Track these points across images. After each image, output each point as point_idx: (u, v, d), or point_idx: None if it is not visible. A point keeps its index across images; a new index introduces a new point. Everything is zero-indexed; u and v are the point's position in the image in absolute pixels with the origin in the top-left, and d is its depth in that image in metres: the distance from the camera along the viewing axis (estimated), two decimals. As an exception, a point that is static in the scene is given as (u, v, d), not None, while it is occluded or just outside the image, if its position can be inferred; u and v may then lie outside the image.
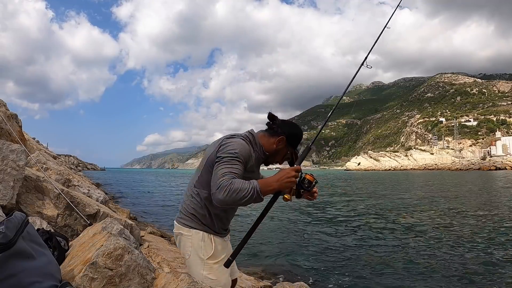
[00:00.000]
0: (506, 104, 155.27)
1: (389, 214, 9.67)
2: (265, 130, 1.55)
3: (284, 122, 1.55)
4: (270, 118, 1.54)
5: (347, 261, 5.02)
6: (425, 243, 6.03)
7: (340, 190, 20.12)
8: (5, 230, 1.50)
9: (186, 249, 1.52)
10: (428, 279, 4.16)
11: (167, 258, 3.27)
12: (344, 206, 11.89)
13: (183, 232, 1.52)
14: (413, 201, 13.05)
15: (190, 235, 1.50)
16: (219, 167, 1.30)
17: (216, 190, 1.24)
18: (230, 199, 1.22)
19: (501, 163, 74.13)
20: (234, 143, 1.39)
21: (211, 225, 1.52)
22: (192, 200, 1.51)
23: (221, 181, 1.24)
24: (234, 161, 1.33)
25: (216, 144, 1.46)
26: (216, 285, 1.47)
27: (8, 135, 3.95)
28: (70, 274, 1.90)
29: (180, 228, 1.53)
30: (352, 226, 7.83)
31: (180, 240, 1.55)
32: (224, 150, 1.36)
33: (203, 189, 1.46)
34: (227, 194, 1.21)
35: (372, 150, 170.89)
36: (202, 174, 1.47)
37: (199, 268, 1.49)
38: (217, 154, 1.38)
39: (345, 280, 4.23)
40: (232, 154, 1.34)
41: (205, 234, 1.50)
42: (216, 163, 1.34)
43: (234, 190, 1.21)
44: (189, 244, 1.50)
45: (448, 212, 9.73)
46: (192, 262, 1.51)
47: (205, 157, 1.50)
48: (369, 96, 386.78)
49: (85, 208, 3.23)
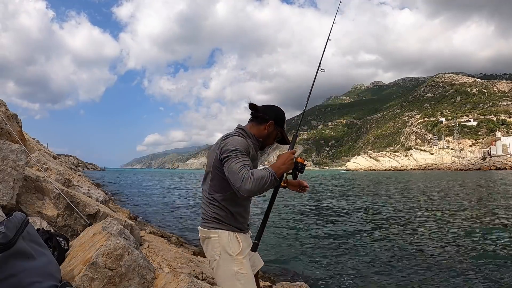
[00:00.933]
0: (506, 104, 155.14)
1: (390, 214, 9.66)
2: (251, 120, 1.70)
3: (267, 107, 1.70)
4: (252, 108, 1.68)
5: (347, 261, 5.02)
6: (426, 243, 6.03)
7: (340, 190, 20.12)
8: (5, 230, 1.50)
9: (215, 250, 1.58)
10: (429, 279, 4.16)
11: (167, 258, 3.27)
12: (344, 206, 11.89)
13: (210, 234, 1.58)
14: (414, 201, 13.05)
15: (217, 236, 1.57)
16: (231, 164, 1.43)
17: (242, 183, 1.36)
18: (256, 188, 1.35)
19: (501, 163, 74.08)
20: (231, 140, 1.51)
21: (234, 223, 1.61)
22: (211, 206, 1.60)
23: (242, 173, 1.37)
24: (240, 155, 1.45)
25: (215, 149, 1.57)
26: (247, 279, 1.55)
27: (8, 135, 3.95)
28: (70, 274, 1.90)
29: (206, 231, 1.60)
30: (352, 226, 7.83)
31: (207, 243, 1.61)
32: (226, 149, 1.48)
33: (218, 193, 1.57)
34: (252, 183, 1.35)
35: (372, 150, 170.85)
36: (213, 179, 1.57)
37: (231, 265, 1.55)
38: (221, 156, 1.49)
39: (345, 280, 4.23)
40: (235, 150, 1.46)
41: (230, 233, 1.59)
42: (224, 162, 1.47)
43: (257, 179, 1.35)
44: (217, 244, 1.57)
45: (449, 212, 9.73)
46: (223, 261, 1.56)
47: (209, 164, 1.61)
48: (369, 96, 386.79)
49: (85, 208, 3.23)
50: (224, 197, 1.55)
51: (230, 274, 1.53)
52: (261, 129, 1.66)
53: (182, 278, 2.04)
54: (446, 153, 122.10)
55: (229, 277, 1.53)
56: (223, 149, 1.49)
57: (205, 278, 3.03)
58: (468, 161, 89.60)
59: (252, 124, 1.68)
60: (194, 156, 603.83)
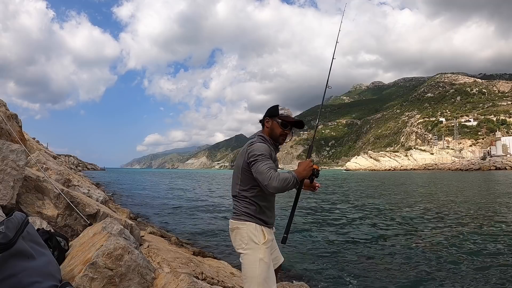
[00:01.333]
0: (506, 104, 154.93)
1: (390, 214, 9.66)
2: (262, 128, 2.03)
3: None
4: (261, 121, 2.03)
5: (348, 261, 5.02)
6: (426, 243, 6.03)
7: (340, 190, 20.12)
8: (5, 230, 1.50)
9: (243, 239, 1.80)
10: (429, 279, 4.16)
11: (167, 258, 3.27)
12: (344, 206, 11.89)
13: (239, 225, 1.82)
14: (414, 201, 13.05)
15: (246, 226, 1.81)
16: (259, 166, 1.72)
17: (270, 181, 1.66)
18: (281, 186, 1.66)
19: (501, 163, 74.03)
20: (256, 146, 1.81)
21: (262, 217, 1.86)
22: (242, 202, 1.87)
23: (270, 174, 1.67)
24: (265, 159, 1.75)
25: (243, 153, 1.87)
26: (268, 267, 1.77)
27: (8, 135, 3.95)
28: (70, 274, 1.90)
29: (236, 223, 1.85)
30: (353, 226, 7.83)
31: (236, 233, 1.84)
32: (253, 154, 1.77)
33: (248, 190, 1.85)
34: (279, 182, 1.65)
35: (372, 150, 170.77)
36: (242, 178, 1.86)
37: (256, 253, 1.76)
38: (249, 160, 1.78)
39: (345, 280, 4.23)
40: (261, 155, 1.76)
41: (257, 225, 1.82)
42: (252, 165, 1.76)
43: (283, 180, 1.66)
44: (245, 234, 1.80)
45: (450, 212, 9.73)
46: (249, 249, 1.77)
47: (238, 167, 1.90)
48: (369, 96, 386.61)
49: (85, 208, 3.23)
50: (253, 193, 1.83)
51: (254, 261, 1.74)
52: (266, 130, 1.95)
53: (182, 278, 2.04)
54: (446, 153, 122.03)
55: (252, 263, 1.74)
56: (250, 154, 1.78)
57: (205, 278, 3.03)
58: (468, 161, 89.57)
59: (262, 130, 1.98)
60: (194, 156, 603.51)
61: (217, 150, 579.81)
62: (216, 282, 3.05)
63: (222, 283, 3.07)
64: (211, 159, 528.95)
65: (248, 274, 1.74)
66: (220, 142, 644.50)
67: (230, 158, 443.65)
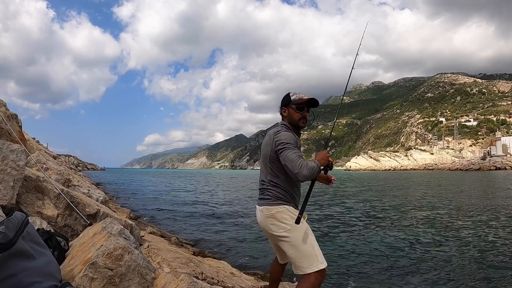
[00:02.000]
0: (506, 104, 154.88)
1: (391, 214, 9.66)
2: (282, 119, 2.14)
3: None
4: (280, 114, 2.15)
5: (348, 261, 5.02)
6: (427, 243, 6.03)
7: (340, 190, 20.11)
8: (5, 230, 1.50)
9: (286, 221, 1.89)
10: (430, 279, 4.16)
11: (167, 258, 3.27)
12: (344, 205, 11.89)
13: (278, 209, 1.91)
14: (414, 201, 13.05)
15: (285, 208, 1.92)
16: (288, 154, 1.82)
17: (300, 169, 1.76)
18: (310, 175, 1.78)
19: (501, 163, 74.02)
20: (283, 135, 1.90)
21: (292, 201, 1.98)
22: (274, 188, 1.95)
23: (300, 162, 1.78)
24: (292, 147, 1.85)
25: (269, 142, 1.95)
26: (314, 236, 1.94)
27: (8, 135, 3.95)
28: (70, 274, 1.90)
29: (273, 208, 1.92)
30: (352, 226, 7.83)
31: (276, 217, 1.91)
32: (281, 142, 1.87)
33: (278, 177, 1.94)
34: (308, 171, 1.76)
35: (372, 150, 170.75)
36: (272, 167, 1.95)
37: (302, 227, 1.90)
38: (277, 148, 1.88)
39: (346, 280, 4.22)
40: (288, 143, 1.86)
41: (291, 207, 1.95)
42: (280, 152, 1.85)
43: (311, 168, 1.78)
44: (287, 215, 1.90)
45: (451, 212, 9.74)
46: (295, 227, 1.87)
47: (265, 156, 1.98)
48: (369, 96, 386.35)
49: (85, 208, 3.23)
50: (283, 180, 1.93)
51: (304, 233, 1.88)
52: (285, 118, 2.05)
53: (182, 278, 2.04)
54: (446, 153, 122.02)
55: (303, 236, 1.87)
56: (278, 142, 1.87)
57: (205, 278, 3.03)
58: (468, 161, 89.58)
59: (283, 120, 2.09)
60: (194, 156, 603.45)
61: (217, 150, 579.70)
62: (216, 282, 3.04)
63: (222, 283, 3.07)
64: (211, 159, 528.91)
65: (303, 251, 1.83)
66: (220, 142, 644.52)
67: (230, 158, 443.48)
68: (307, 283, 1.80)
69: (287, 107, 2.03)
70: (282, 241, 1.90)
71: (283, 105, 2.05)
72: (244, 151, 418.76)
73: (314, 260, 1.82)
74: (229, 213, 10.31)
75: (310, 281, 1.80)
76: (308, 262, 1.82)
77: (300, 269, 1.84)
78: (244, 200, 14.64)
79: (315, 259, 1.83)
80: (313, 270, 1.81)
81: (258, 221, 2.05)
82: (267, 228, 1.96)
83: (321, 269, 1.83)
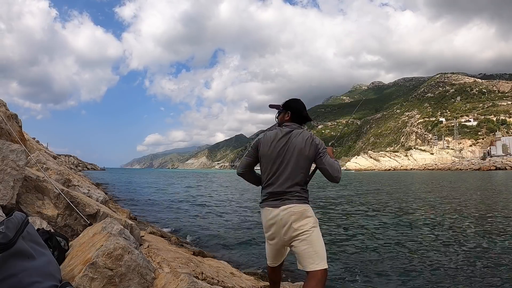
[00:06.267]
0: (506, 104, 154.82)
1: (391, 213, 9.66)
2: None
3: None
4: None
5: (349, 261, 5.01)
6: (428, 243, 6.02)
7: (341, 190, 20.10)
8: (5, 230, 1.50)
9: (311, 219, 2.00)
10: (431, 280, 4.16)
11: (167, 258, 3.27)
12: (345, 205, 11.89)
13: (306, 208, 2.01)
14: (415, 201, 13.05)
15: (310, 208, 2.04)
16: (327, 158, 2.00)
17: (339, 173, 1.99)
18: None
19: (501, 163, 74.03)
20: (319, 140, 2.05)
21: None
22: (303, 188, 2.04)
23: (338, 165, 2.01)
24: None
25: (307, 143, 2.01)
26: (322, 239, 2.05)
27: (8, 135, 3.95)
28: (70, 274, 1.90)
29: (303, 206, 2.01)
30: (354, 226, 7.82)
31: (305, 215, 2.00)
32: (323, 146, 2.03)
33: (306, 178, 2.06)
34: (340, 172, 2.03)
35: (372, 150, 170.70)
36: (307, 167, 2.04)
37: (319, 229, 2.03)
38: (321, 151, 2.01)
39: (347, 280, 4.22)
40: (325, 148, 2.04)
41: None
42: (321, 157, 2.00)
43: (340, 169, 2.05)
44: (312, 214, 2.03)
45: (452, 212, 9.73)
46: (317, 228, 2.00)
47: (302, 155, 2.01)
48: (369, 96, 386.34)
49: (85, 208, 3.23)
50: (307, 181, 2.07)
51: (320, 235, 2.01)
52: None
53: (182, 278, 2.04)
54: (446, 153, 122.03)
55: (320, 236, 2.00)
56: (320, 145, 2.01)
57: (205, 278, 3.03)
58: (468, 161, 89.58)
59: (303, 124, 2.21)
60: (194, 156, 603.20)
61: (217, 150, 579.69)
62: (216, 282, 3.04)
63: (222, 283, 3.07)
64: (211, 159, 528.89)
65: (318, 248, 1.94)
66: (220, 142, 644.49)
67: (230, 158, 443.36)
68: (316, 279, 1.86)
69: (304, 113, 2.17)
70: (299, 238, 1.95)
71: (304, 110, 2.18)
72: (244, 151, 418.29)
73: (323, 259, 1.91)
74: (229, 213, 10.32)
75: (317, 277, 1.86)
76: (319, 259, 1.90)
77: (310, 265, 1.89)
78: (244, 200, 14.64)
79: (324, 258, 1.92)
80: (322, 267, 1.88)
81: (274, 221, 1.98)
82: (288, 227, 1.96)
83: (326, 269, 1.91)
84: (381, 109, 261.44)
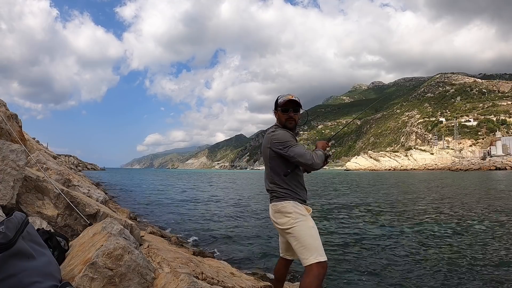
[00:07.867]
0: (506, 104, 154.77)
1: (391, 213, 9.66)
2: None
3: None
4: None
5: (349, 261, 5.01)
6: (428, 243, 6.03)
7: (341, 190, 20.11)
8: (5, 230, 1.50)
9: (290, 215, 1.98)
10: (431, 280, 4.16)
11: (167, 258, 3.26)
12: (345, 205, 11.88)
13: (283, 204, 2.01)
14: (415, 201, 13.05)
15: (289, 204, 2.01)
16: (295, 149, 1.95)
17: (314, 160, 1.95)
18: (321, 162, 2.00)
19: (501, 163, 74.06)
20: (280, 134, 2.02)
21: (297, 196, 2.07)
22: (279, 185, 2.04)
23: (310, 154, 1.96)
24: (294, 143, 1.99)
25: (268, 142, 2.06)
26: (318, 232, 2.00)
27: (8, 135, 3.95)
28: (70, 274, 1.90)
29: (279, 203, 2.03)
30: (354, 226, 7.82)
31: (281, 212, 2.01)
32: (280, 141, 1.99)
33: (279, 174, 2.04)
34: (319, 159, 1.98)
35: (372, 150, 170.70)
36: (273, 164, 2.05)
37: (307, 222, 1.99)
38: (277, 147, 1.99)
39: (346, 280, 4.22)
40: (289, 141, 1.97)
41: (296, 202, 2.04)
42: (287, 151, 1.96)
43: (321, 156, 2.02)
44: (291, 209, 1.99)
45: (451, 212, 9.73)
46: (299, 221, 1.97)
47: (266, 157, 2.09)
48: (369, 96, 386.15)
49: (85, 208, 3.23)
50: (284, 177, 2.03)
51: (307, 228, 1.96)
52: (277, 121, 2.16)
53: (182, 278, 2.04)
54: (446, 153, 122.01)
55: (307, 229, 1.95)
56: (277, 142, 1.99)
57: (205, 278, 3.03)
58: (468, 161, 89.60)
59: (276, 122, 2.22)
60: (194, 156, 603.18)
61: (217, 150, 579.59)
62: (216, 282, 3.04)
63: (222, 283, 3.07)
64: (211, 159, 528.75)
65: (304, 242, 1.91)
66: (220, 142, 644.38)
67: (230, 158, 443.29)
68: (310, 275, 1.85)
69: (277, 110, 2.15)
70: (288, 233, 1.99)
71: (274, 109, 2.18)
72: (244, 151, 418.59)
73: (314, 252, 1.89)
74: (229, 214, 10.31)
75: (312, 273, 1.85)
76: (309, 253, 1.88)
77: (304, 260, 1.91)
78: (245, 200, 14.64)
79: (315, 251, 1.89)
80: (313, 261, 1.86)
81: (270, 217, 2.17)
82: (275, 223, 2.08)
83: (321, 261, 1.87)
84: (381, 109, 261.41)
